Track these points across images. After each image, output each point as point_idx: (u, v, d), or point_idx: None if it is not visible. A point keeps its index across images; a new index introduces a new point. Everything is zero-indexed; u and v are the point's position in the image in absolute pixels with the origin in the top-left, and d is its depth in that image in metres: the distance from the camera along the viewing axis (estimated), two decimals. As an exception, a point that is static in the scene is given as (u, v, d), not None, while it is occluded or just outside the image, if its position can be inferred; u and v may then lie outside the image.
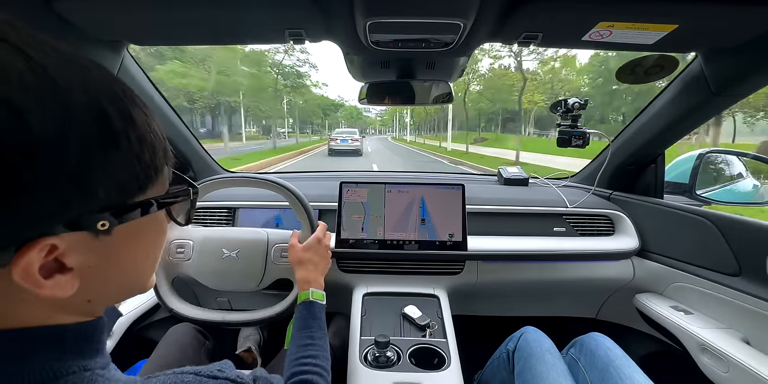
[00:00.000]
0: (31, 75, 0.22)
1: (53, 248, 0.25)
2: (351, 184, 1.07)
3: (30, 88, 0.22)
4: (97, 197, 0.26)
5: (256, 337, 1.27)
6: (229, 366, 0.38)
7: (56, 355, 0.28)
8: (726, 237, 0.89)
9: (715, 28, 0.72)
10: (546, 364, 0.79)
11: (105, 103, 0.26)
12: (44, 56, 0.23)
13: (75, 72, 0.25)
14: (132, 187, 0.28)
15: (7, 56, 0.22)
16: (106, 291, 0.32)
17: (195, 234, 0.90)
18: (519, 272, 1.11)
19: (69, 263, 0.26)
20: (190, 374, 0.33)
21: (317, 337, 0.65)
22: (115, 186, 0.27)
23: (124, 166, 0.27)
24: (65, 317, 0.29)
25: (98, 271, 0.29)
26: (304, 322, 0.67)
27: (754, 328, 0.84)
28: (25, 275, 0.24)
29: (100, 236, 0.27)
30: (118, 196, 0.27)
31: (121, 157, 0.26)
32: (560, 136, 1.17)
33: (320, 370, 0.58)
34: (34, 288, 0.25)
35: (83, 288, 0.28)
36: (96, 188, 0.25)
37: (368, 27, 0.70)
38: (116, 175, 0.26)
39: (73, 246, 0.26)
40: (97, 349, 0.31)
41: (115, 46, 0.87)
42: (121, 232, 0.29)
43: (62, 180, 0.23)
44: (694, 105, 0.96)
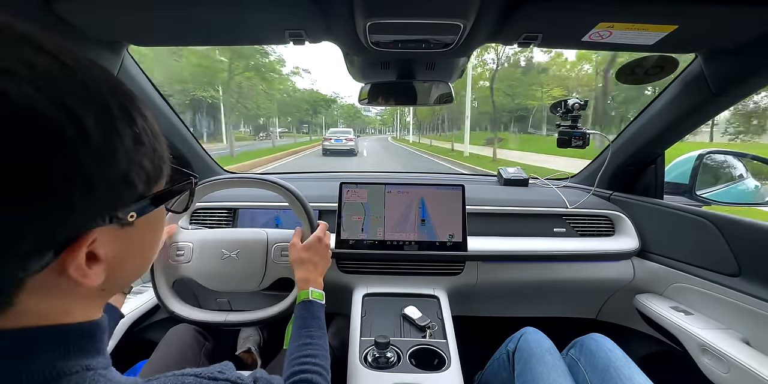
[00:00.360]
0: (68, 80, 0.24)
1: (93, 241, 0.27)
2: (351, 184, 1.07)
3: (72, 90, 0.24)
4: (136, 191, 0.29)
5: (255, 338, 1.27)
6: (229, 367, 0.38)
7: (60, 354, 0.28)
8: (726, 237, 0.89)
9: (715, 28, 0.72)
10: (546, 364, 0.79)
11: (128, 103, 0.28)
12: (73, 61, 0.25)
13: (98, 74, 0.27)
14: (154, 179, 0.31)
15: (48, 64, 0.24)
16: (120, 279, 0.34)
17: (194, 236, 0.90)
18: (519, 273, 1.11)
19: (100, 254, 0.28)
20: (190, 376, 0.34)
21: (316, 336, 0.64)
22: (145, 178, 0.29)
23: (148, 159, 0.29)
24: (79, 311, 0.30)
25: (119, 260, 0.31)
26: (303, 322, 0.67)
27: (754, 328, 0.84)
28: (77, 267, 0.26)
29: (125, 227, 0.30)
30: (145, 188, 0.30)
31: (146, 152, 0.29)
32: (560, 136, 1.17)
33: (320, 370, 0.57)
34: (81, 278, 0.27)
35: (106, 277, 0.30)
36: (135, 181, 0.28)
37: (368, 28, 0.70)
38: (145, 167, 0.29)
39: (105, 237, 0.28)
40: (99, 348, 0.31)
41: (115, 46, 0.87)
42: (141, 222, 0.31)
43: (111, 173, 0.26)
44: (694, 105, 0.96)
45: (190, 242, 0.89)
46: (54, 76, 0.23)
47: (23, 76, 0.22)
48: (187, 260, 0.87)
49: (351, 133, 17.00)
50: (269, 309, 0.85)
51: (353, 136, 16.46)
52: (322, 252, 0.83)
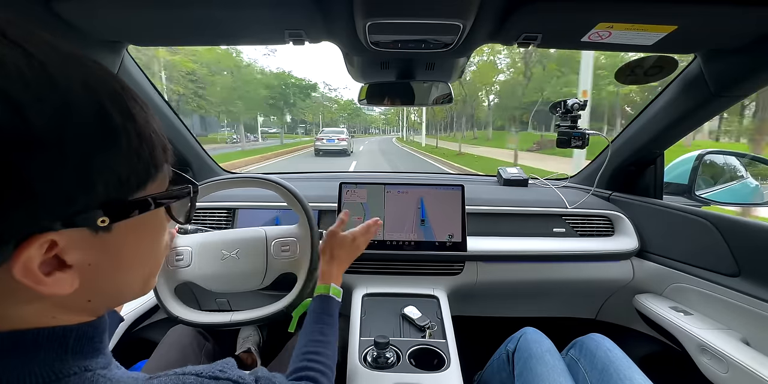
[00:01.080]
0: (30, 70, 0.22)
1: (53, 244, 0.25)
2: (350, 184, 1.07)
3: (29, 83, 0.22)
4: (97, 193, 0.26)
5: (255, 338, 1.27)
6: (231, 365, 0.37)
7: (58, 356, 0.27)
8: (725, 237, 0.89)
9: (715, 29, 0.72)
10: (546, 364, 0.79)
11: (104, 99, 0.26)
12: (43, 52, 0.23)
13: (74, 68, 0.25)
14: (131, 183, 0.28)
15: (6, 51, 0.22)
16: (107, 291, 0.32)
17: (192, 240, 0.89)
18: (519, 273, 1.11)
19: (69, 260, 0.26)
20: (192, 375, 0.33)
21: (328, 333, 0.63)
22: (114, 182, 0.27)
23: (123, 162, 0.27)
24: (67, 317, 0.29)
25: (98, 269, 0.29)
26: (317, 317, 0.66)
27: (754, 328, 0.84)
28: (26, 271, 0.24)
29: (99, 233, 0.27)
30: (117, 192, 0.27)
31: (121, 152, 0.26)
32: (560, 136, 1.17)
33: (325, 369, 0.57)
34: (35, 285, 0.25)
35: (83, 287, 0.28)
36: (95, 184, 0.25)
37: (368, 28, 0.70)
38: (115, 170, 0.26)
39: (73, 243, 0.26)
40: (99, 348, 0.31)
41: (115, 46, 0.87)
42: (121, 229, 0.29)
43: (62, 175, 0.23)
44: (694, 106, 0.96)
45: (188, 246, 0.88)
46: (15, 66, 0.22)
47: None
48: (187, 264, 0.86)
49: (344, 133, 16.47)
50: (274, 304, 0.85)
51: (346, 136, 15.94)
52: (352, 252, 0.81)
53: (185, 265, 0.86)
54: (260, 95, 19.63)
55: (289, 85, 22.68)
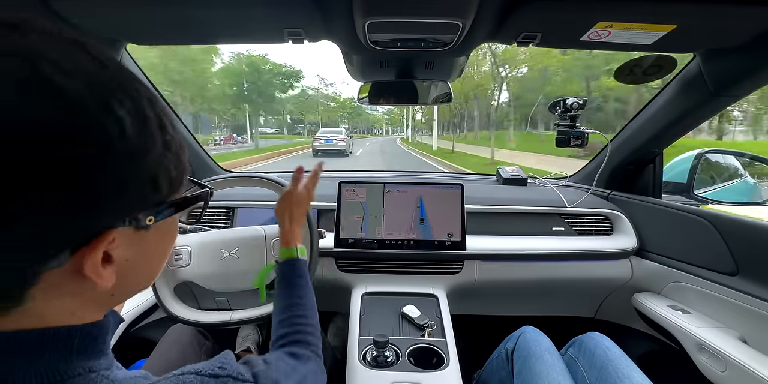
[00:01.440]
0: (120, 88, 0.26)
1: (111, 241, 0.27)
2: (350, 183, 1.07)
3: (123, 99, 0.25)
4: (161, 193, 0.29)
5: (254, 336, 1.27)
6: (230, 360, 0.37)
7: (63, 357, 0.28)
8: (723, 236, 0.90)
9: (714, 28, 0.72)
10: (545, 363, 0.79)
11: (159, 110, 0.29)
12: (118, 68, 0.27)
13: (139, 83, 0.28)
14: (174, 186, 0.31)
15: (93, 66, 0.25)
16: (130, 284, 0.34)
17: (191, 239, 0.89)
18: (518, 272, 1.11)
19: (115, 256, 0.28)
20: (191, 374, 0.33)
21: (304, 295, 0.62)
22: (168, 183, 0.29)
23: (174, 167, 0.30)
24: (86, 313, 0.30)
25: (131, 265, 0.31)
26: (289, 281, 0.64)
27: (752, 327, 0.84)
28: (94, 266, 0.26)
29: (140, 231, 0.30)
30: (168, 193, 0.30)
31: (172, 158, 0.30)
32: (559, 135, 1.17)
33: (312, 329, 0.57)
34: (96, 278, 0.27)
35: (116, 281, 0.29)
36: (162, 184, 0.28)
37: (367, 27, 0.70)
38: (170, 172, 0.29)
39: (121, 240, 0.28)
40: (102, 349, 0.31)
41: (113, 45, 0.86)
42: (156, 228, 0.31)
43: (146, 179, 0.27)
44: (693, 105, 0.96)
45: (187, 245, 0.88)
46: (100, 79, 0.25)
47: (73, 74, 0.23)
48: (186, 264, 0.86)
49: (342, 133, 16.16)
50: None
51: (345, 137, 15.60)
52: (293, 198, 0.77)
53: (184, 265, 0.86)
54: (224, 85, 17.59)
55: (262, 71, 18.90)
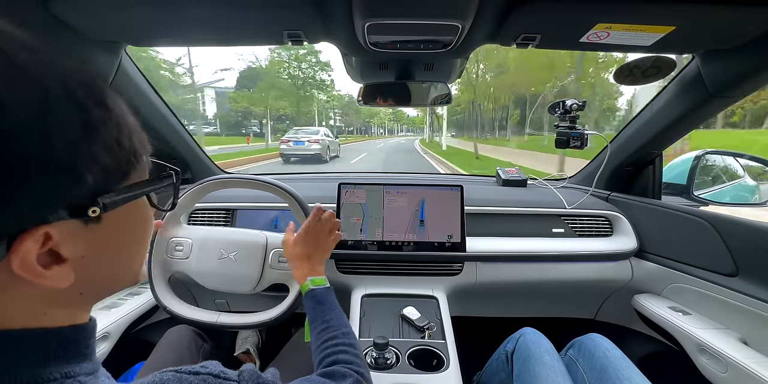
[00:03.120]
0: (7, 67, 0.23)
1: (48, 238, 0.25)
2: (349, 185, 1.07)
3: (7, 79, 0.23)
4: (87, 183, 0.26)
5: (254, 339, 1.27)
6: (213, 364, 0.37)
7: (38, 361, 0.27)
8: (723, 237, 0.90)
9: (713, 29, 0.72)
10: (545, 365, 0.79)
11: (80, 92, 0.26)
12: (17, 50, 0.24)
13: (49, 64, 0.26)
14: (116, 172, 0.29)
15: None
16: (97, 282, 0.32)
17: (195, 233, 0.90)
18: (518, 273, 1.11)
19: (64, 253, 0.27)
20: (170, 372, 0.33)
21: (330, 319, 0.64)
22: (101, 172, 0.27)
23: (106, 151, 0.27)
24: (58, 313, 0.29)
25: (90, 261, 0.29)
26: (313, 312, 0.67)
27: (752, 328, 0.84)
28: (24, 265, 0.24)
29: (90, 224, 0.28)
30: (105, 182, 0.28)
31: (103, 142, 0.27)
32: (558, 137, 1.17)
33: (344, 348, 0.58)
34: (35, 278, 0.25)
35: (77, 279, 0.28)
36: (84, 174, 0.26)
37: (367, 28, 0.70)
38: (101, 160, 0.27)
39: (66, 235, 0.26)
40: (85, 354, 0.30)
41: (113, 47, 0.86)
42: (109, 219, 0.29)
43: (52, 167, 0.24)
44: (692, 106, 0.96)
45: (189, 239, 0.89)
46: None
47: None
48: (185, 256, 0.88)
49: (319, 133, 12.90)
50: (264, 313, 0.86)
51: (321, 137, 12.34)
52: (313, 241, 0.78)
53: (183, 257, 0.87)
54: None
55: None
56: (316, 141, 12.05)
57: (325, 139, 12.52)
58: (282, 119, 31.26)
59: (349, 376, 0.51)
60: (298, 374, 0.51)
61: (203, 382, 0.33)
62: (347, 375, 0.51)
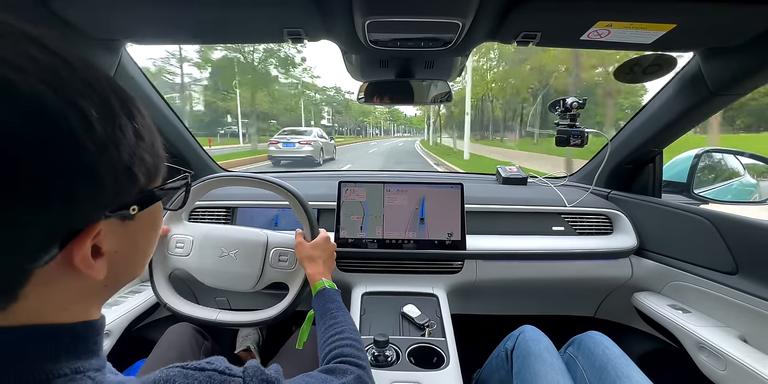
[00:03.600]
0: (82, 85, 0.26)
1: (98, 234, 0.27)
2: (350, 183, 1.07)
3: (85, 91, 0.25)
4: (139, 183, 0.29)
5: (255, 336, 1.27)
6: (219, 360, 0.37)
7: (50, 356, 0.27)
8: (723, 235, 0.90)
9: (714, 27, 0.72)
10: (544, 362, 0.79)
11: (127, 101, 0.29)
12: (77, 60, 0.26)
13: (103, 76, 0.28)
14: (152, 174, 0.32)
15: (49, 59, 0.24)
16: (121, 274, 0.34)
17: (196, 230, 0.90)
18: (518, 271, 1.11)
19: (103, 248, 0.29)
20: (176, 368, 0.33)
21: (339, 316, 0.67)
22: (145, 173, 0.30)
23: (149, 155, 0.30)
24: (75, 310, 0.30)
25: (121, 255, 0.31)
26: (323, 308, 0.70)
27: (752, 326, 0.84)
28: (84, 258, 0.27)
29: (126, 221, 0.30)
30: (147, 182, 0.31)
31: (146, 147, 0.30)
32: (558, 135, 1.17)
33: (350, 342, 0.59)
34: (87, 269, 0.27)
35: (108, 272, 0.30)
36: (138, 175, 0.29)
37: (367, 26, 0.70)
38: (146, 162, 0.30)
39: (108, 231, 0.29)
40: (93, 350, 0.31)
41: (113, 45, 0.86)
42: (141, 217, 0.32)
43: (120, 170, 0.27)
44: (692, 104, 0.96)
45: (190, 236, 0.89)
46: (57, 71, 0.24)
47: (30, 71, 0.23)
48: (186, 253, 0.88)
49: (312, 133, 12.06)
50: (263, 312, 0.86)
51: (313, 138, 11.42)
52: (330, 250, 0.86)
53: (184, 254, 0.88)
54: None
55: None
56: (307, 142, 11.13)
57: (318, 140, 11.64)
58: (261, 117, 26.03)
59: (350, 373, 0.52)
60: (299, 371, 0.51)
61: (208, 378, 0.33)
62: (348, 372, 0.52)
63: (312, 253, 0.82)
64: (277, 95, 24.86)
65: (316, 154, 11.33)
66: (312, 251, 0.83)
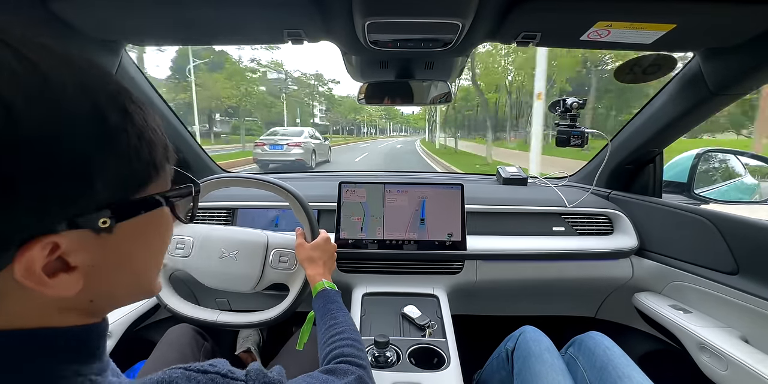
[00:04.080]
0: (23, 71, 0.22)
1: (56, 247, 0.25)
2: (350, 184, 1.07)
3: (21, 85, 0.22)
4: (97, 194, 0.26)
5: (255, 337, 1.27)
6: (222, 362, 0.37)
7: (50, 359, 0.27)
8: (724, 235, 0.90)
9: (714, 27, 0.72)
10: (545, 363, 0.79)
11: (101, 99, 0.26)
12: (36, 54, 0.24)
13: (70, 71, 0.25)
14: (131, 183, 0.28)
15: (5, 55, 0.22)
16: (110, 291, 0.32)
17: (197, 231, 0.91)
18: (518, 272, 1.11)
19: (73, 262, 0.26)
20: (179, 369, 0.33)
21: (339, 316, 0.67)
22: (114, 182, 0.27)
23: (122, 162, 0.27)
24: (64, 318, 0.29)
25: (102, 270, 0.29)
26: (324, 308, 0.70)
27: (753, 326, 0.84)
28: (28, 274, 0.24)
29: (102, 234, 0.27)
30: (118, 193, 0.27)
31: (119, 153, 0.26)
32: (559, 135, 1.17)
33: (351, 342, 0.59)
34: (37, 286, 0.25)
35: (86, 287, 0.28)
36: (94, 184, 0.25)
37: (367, 27, 0.70)
38: (115, 171, 0.26)
39: (76, 244, 0.26)
40: (95, 353, 0.30)
41: (113, 46, 0.86)
42: (124, 229, 0.29)
43: (58, 176, 0.23)
44: (693, 104, 0.96)
45: (191, 237, 0.89)
46: (8, 66, 0.22)
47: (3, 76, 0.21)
48: (186, 254, 0.88)
49: (303, 134, 10.75)
50: (263, 313, 0.86)
51: (304, 139, 10.25)
52: (331, 252, 0.86)
53: (184, 255, 0.88)
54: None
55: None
56: (297, 144, 9.79)
57: (309, 141, 10.37)
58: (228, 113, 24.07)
59: (351, 374, 0.51)
60: (299, 372, 0.51)
61: (211, 381, 0.33)
62: (349, 372, 0.52)
63: (312, 254, 0.82)
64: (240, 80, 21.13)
65: (307, 157, 10.04)
66: (312, 252, 0.82)
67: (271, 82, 32.56)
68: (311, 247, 0.83)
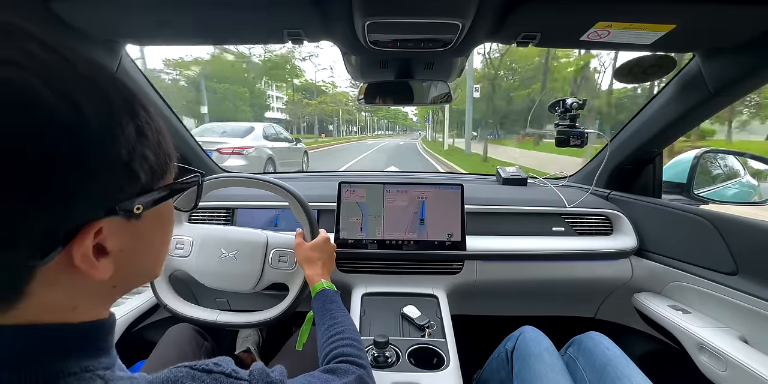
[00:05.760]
0: (73, 74, 0.26)
1: (99, 232, 0.27)
2: (350, 184, 1.07)
3: (82, 86, 0.25)
4: (139, 182, 0.29)
5: (255, 337, 1.27)
6: (226, 361, 0.37)
7: (60, 354, 0.28)
8: (723, 236, 0.90)
9: (714, 28, 0.72)
10: (544, 363, 0.79)
11: (130, 98, 0.29)
12: (84, 62, 0.27)
13: (105, 73, 0.28)
14: (158, 173, 0.31)
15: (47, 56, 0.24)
16: (130, 275, 0.34)
17: (196, 231, 0.91)
18: (518, 272, 1.11)
19: (108, 247, 0.29)
20: (184, 367, 0.34)
21: (339, 316, 0.68)
22: (148, 171, 0.30)
23: (153, 153, 0.30)
24: (84, 309, 0.30)
25: (128, 255, 0.31)
26: (323, 308, 0.70)
27: (752, 326, 0.84)
28: (84, 258, 0.26)
29: (131, 220, 0.30)
30: (150, 181, 0.30)
31: (150, 145, 0.30)
32: (558, 135, 1.17)
33: (350, 342, 0.60)
34: (89, 269, 0.27)
35: (115, 271, 0.30)
36: (139, 173, 0.29)
37: (367, 27, 0.70)
38: (149, 161, 0.29)
39: (112, 230, 0.28)
40: (103, 349, 0.31)
41: (113, 46, 0.86)
42: (147, 216, 0.31)
43: (117, 166, 0.27)
44: (692, 105, 0.96)
45: (190, 237, 0.89)
46: (55, 67, 0.24)
47: (26, 67, 0.23)
48: (186, 254, 0.88)
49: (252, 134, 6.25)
50: (263, 313, 0.86)
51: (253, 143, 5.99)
52: (330, 252, 0.86)
53: (184, 255, 0.88)
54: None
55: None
56: (239, 150, 5.68)
57: (262, 145, 6.29)
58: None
59: (351, 373, 0.52)
60: (299, 372, 0.51)
61: (215, 381, 0.33)
62: (349, 371, 0.52)
63: (311, 254, 0.82)
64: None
65: (257, 168, 5.81)
66: (311, 253, 0.82)
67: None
68: (310, 247, 0.83)
